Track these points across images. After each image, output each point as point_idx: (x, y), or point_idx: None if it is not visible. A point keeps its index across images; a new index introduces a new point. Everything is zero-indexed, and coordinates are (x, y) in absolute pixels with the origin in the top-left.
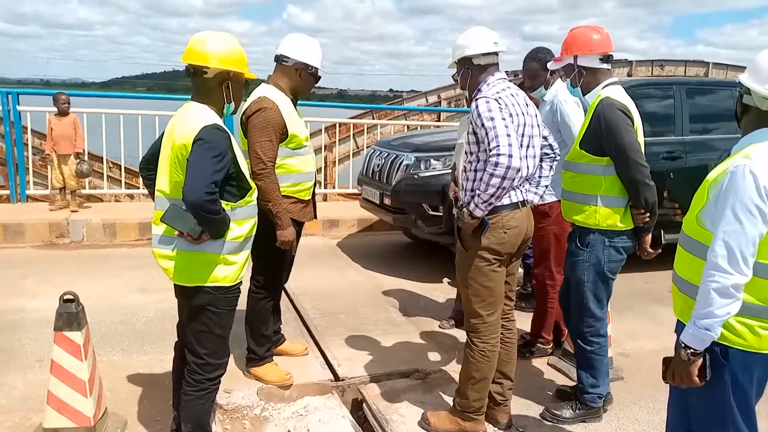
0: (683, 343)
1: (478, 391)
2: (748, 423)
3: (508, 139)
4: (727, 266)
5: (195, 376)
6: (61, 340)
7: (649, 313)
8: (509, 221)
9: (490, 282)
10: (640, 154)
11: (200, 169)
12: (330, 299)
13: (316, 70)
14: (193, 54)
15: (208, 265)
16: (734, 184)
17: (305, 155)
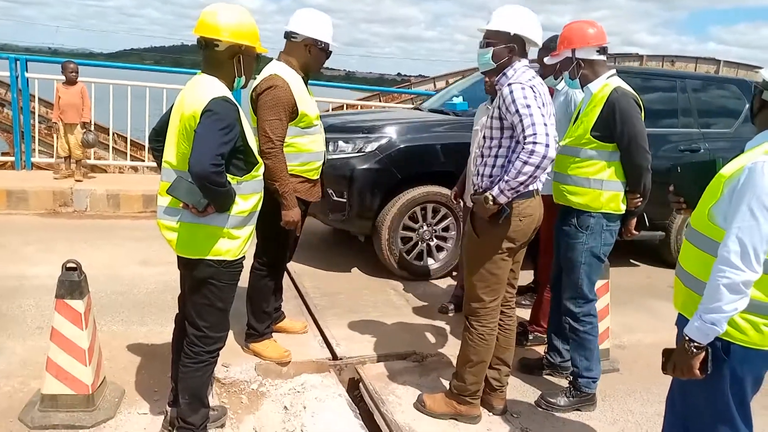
0: (687, 336)
1: (475, 375)
2: (744, 418)
3: (545, 128)
4: (739, 263)
5: (194, 348)
6: (63, 308)
7: (649, 308)
8: (525, 209)
9: (498, 270)
10: (646, 142)
11: (207, 141)
12: (331, 279)
13: (326, 46)
14: (205, 26)
15: (211, 238)
16: (752, 181)
17: (315, 134)
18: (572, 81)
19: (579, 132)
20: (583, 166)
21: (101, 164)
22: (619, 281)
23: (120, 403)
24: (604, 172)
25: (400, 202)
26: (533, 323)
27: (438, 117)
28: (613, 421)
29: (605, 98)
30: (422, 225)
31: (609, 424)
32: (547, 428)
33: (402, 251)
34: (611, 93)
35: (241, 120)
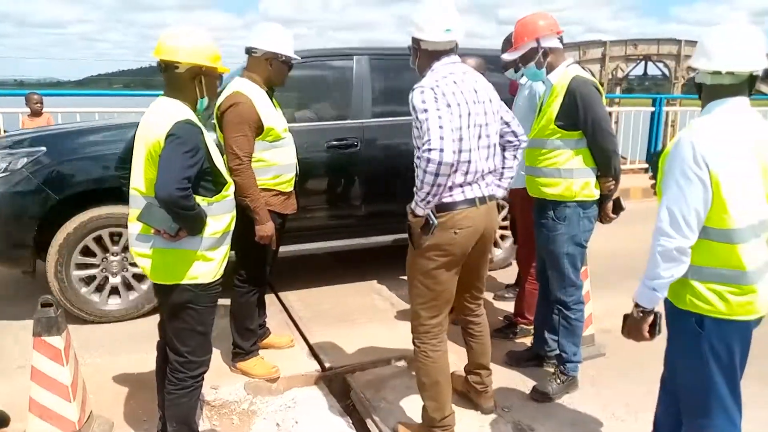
0: (635, 300)
1: (434, 399)
2: (732, 391)
3: (440, 132)
4: (670, 230)
5: (178, 374)
6: (41, 346)
7: (630, 290)
8: (461, 221)
9: (437, 285)
10: (611, 126)
11: (172, 165)
12: (314, 290)
13: (287, 59)
14: (164, 49)
15: (186, 262)
16: (676, 154)
17: (284, 147)
18: (539, 72)
19: (543, 123)
20: (551, 157)
21: None
22: (600, 266)
23: None
24: (573, 161)
25: (67, 230)
26: (518, 316)
27: (119, 121)
28: (603, 406)
29: (566, 87)
30: (106, 256)
31: (600, 409)
32: (539, 419)
33: (79, 291)
34: (571, 81)
35: (206, 142)
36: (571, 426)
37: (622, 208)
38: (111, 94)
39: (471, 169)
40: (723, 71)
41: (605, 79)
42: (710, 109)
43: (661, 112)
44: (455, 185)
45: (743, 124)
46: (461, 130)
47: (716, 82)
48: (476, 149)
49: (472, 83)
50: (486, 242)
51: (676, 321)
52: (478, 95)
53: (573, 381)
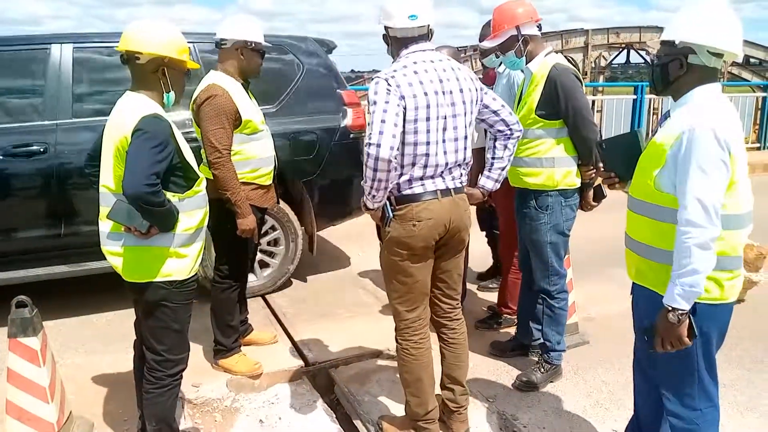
0: (671, 306)
1: (416, 395)
2: (711, 373)
3: (381, 126)
4: (703, 221)
5: (155, 373)
6: (17, 347)
7: (613, 277)
8: (421, 212)
9: (407, 278)
10: (591, 114)
11: (139, 161)
12: (297, 285)
13: (257, 45)
14: (126, 40)
15: (158, 259)
16: (696, 144)
17: (262, 139)
18: (518, 60)
19: (524, 113)
20: (532, 146)
21: None
22: (581, 254)
23: None
24: (554, 150)
25: None
26: (501, 306)
27: None
28: (587, 393)
29: (545, 76)
30: None
31: (584, 397)
32: (523, 408)
33: None
34: (551, 70)
35: (175, 136)
36: (555, 414)
37: (603, 196)
38: None
39: (430, 163)
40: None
41: (588, 67)
42: (703, 93)
43: (644, 100)
44: (414, 178)
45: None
46: (417, 123)
47: (714, 64)
48: (439, 141)
49: (440, 72)
50: (455, 239)
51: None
52: (444, 85)
53: (557, 369)
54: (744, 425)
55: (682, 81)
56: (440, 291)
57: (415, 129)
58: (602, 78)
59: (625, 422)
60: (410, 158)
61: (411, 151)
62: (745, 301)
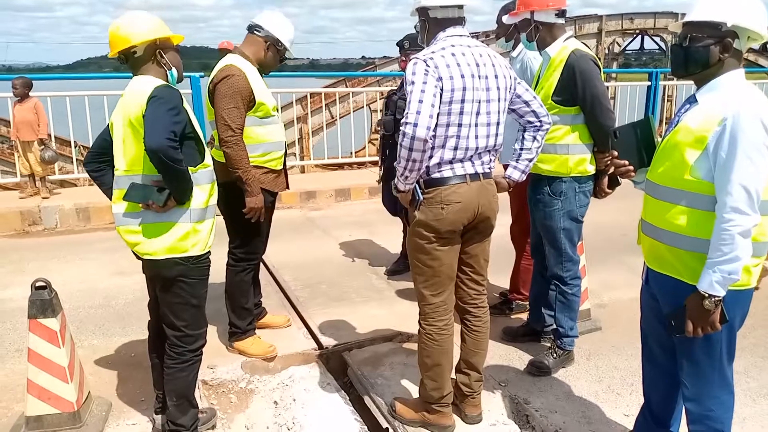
0: (707, 292)
1: (434, 379)
2: (730, 360)
3: (418, 106)
4: (748, 208)
5: (176, 349)
6: (37, 328)
7: (626, 264)
8: (449, 196)
9: (434, 261)
10: (609, 102)
11: (158, 120)
12: (311, 270)
13: (283, 49)
14: (116, 42)
15: (175, 234)
16: (743, 130)
17: (273, 125)
18: (530, 43)
19: (540, 98)
20: (548, 132)
21: (69, 178)
22: (594, 240)
23: (108, 416)
24: (569, 137)
25: None
26: (513, 292)
27: None
28: (599, 379)
29: (564, 61)
30: None
31: (595, 382)
32: (535, 393)
33: None
34: (569, 56)
35: (185, 107)
36: (566, 399)
37: (617, 183)
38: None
39: (461, 145)
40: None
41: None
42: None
43: (658, 87)
44: (444, 161)
45: None
46: (451, 105)
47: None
48: (472, 125)
49: (476, 57)
50: (484, 224)
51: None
52: (480, 70)
53: (569, 355)
54: (756, 412)
55: (718, 65)
56: (466, 276)
57: (449, 110)
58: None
59: (636, 407)
60: (441, 140)
61: (442, 132)
62: (759, 289)
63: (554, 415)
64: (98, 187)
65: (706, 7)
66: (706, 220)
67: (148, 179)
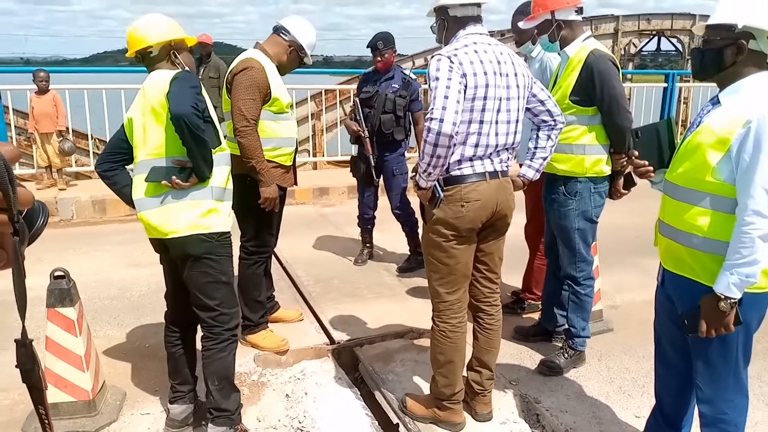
0: (723, 294)
1: (446, 376)
2: (746, 363)
3: (444, 102)
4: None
5: (213, 329)
6: (55, 317)
7: (639, 266)
8: (469, 193)
9: (450, 259)
10: (627, 103)
11: (182, 92)
12: (323, 266)
13: (303, 55)
14: (134, 41)
15: (200, 211)
16: (764, 134)
17: (287, 121)
18: (552, 44)
19: (558, 98)
20: (564, 132)
21: (85, 171)
22: (607, 241)
23: (122, 405)
24: (586, 137)
25: None
26: (526, 291)
27: None
28: (610, 380)
29: (582, 61)
30: None
31: (606, 383)
32: (546, 392)
33: None
34: (588, 56)
35: (204, 94)
36: (577, 399)
37: (633, 184)
38: (118, 71)
39: (482, 142)
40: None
41: (618, 54)
42: (757, 81)
43: (674, 88)
44: (464, 158)
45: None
46: (474, 101)
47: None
48: (493, 122)
49: (497, 55)
50: (501, 221)
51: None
52: (501, 67)
53: (581, 355)
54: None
55: (737, 67)
56: (481, 274)
57: (471, 107)
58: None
59: (647, 409)
60: (462, 137)
61: (464, 129)
62: None
63: (565, 415)
64: (111, 188)
65: (721, 10)
66: (726, 222)
67: (170, 161)
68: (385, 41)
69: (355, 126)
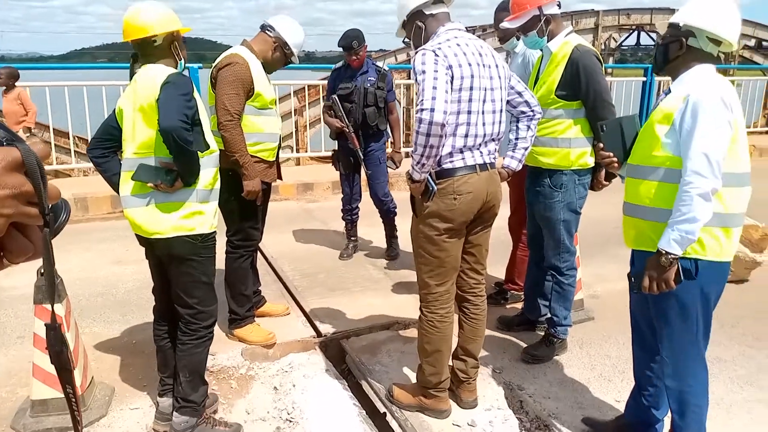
0: (664, 249)
1: (433, 365)
2: (706, 337)
3: (432, 92)
4: (708, 172)
5: (191, 326)
6: (43, 313)
7: (618, 256)
8: (461, 186)
9: (441, 252)
10: (610, 97)
11: (172, 103)
12: (309, 260)
13: (290, 53)
14: (136, 29)
15: (183, 213)
16: (703, 104)
17: (270, 116)
18: (540, 40)
19: (542, 93)
20: (549, 126)
21: (64, 169)
22: (588, 233)
23: (111, 400)
24: (571, 130)
25: None
26: (508, 282)
27: None
28: (591, 367)
29: (567, 56)
30: None
31: (588, 370)
32: (529, 379)
33: None
34: (573, 51)
35: (195, 96)
36: (559, 385)
37: (614, 176)
38: (96, 67)
39: (471, 132)
40: (732, 42)
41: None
42: (700, 70)
43: (653, 82)
44: (455, 150)
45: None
46: (461, 92)
47: (710, 50)
48: (480, 112)
49: (478, 47)
50: (489, 212)
51: None
52: (483, 59)
53: (562, 344)
54: (744, 398)
55: (680, 60)
56: (468, 265)
57: (459, 98)
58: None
59: (627, 393)
60: (452, 128)
61: (453, 120)
62: (749, 281)
63: (547, 401)
64: (101, 174)
65: (678, 12)
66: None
67: (157, 161)
68: (359, 40)
69: (337, 123)
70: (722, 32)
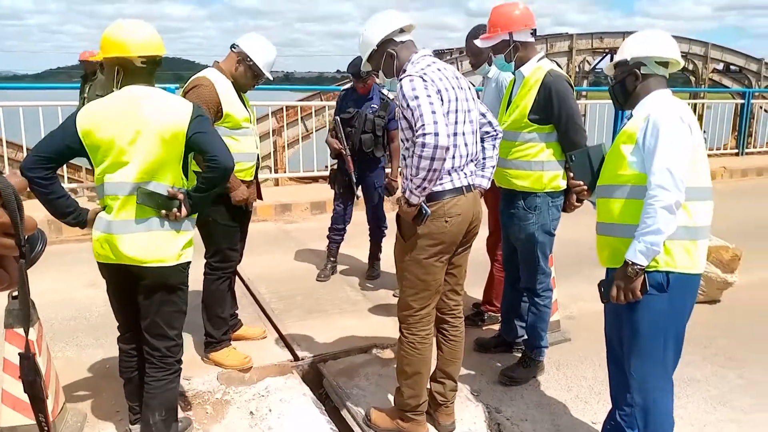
0: (631, 260)
1: (412, 388)
2: (676, 351)
3: (433, 116)
4: (671, 186)
5: (167, 360)
6: (13, 338)
7: (593, 278)
8: (451, 209)
9: (428, 275)
10: (582, 120)
11: (218, 140)
12: (286, 282)
13: (254, 67)
14: (153, 46)
15: (183, 241)
16: (663, 122)
17: (245, 135)
18: (507, 64)
19: (516, 117)
20: (523, 149)
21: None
22: (563, 254)
23: (83, 427)
24: (543, 154)
25: None
26: (486, 303)
27: None
28: (568, 388)
29: (539, 81)
30: None
31: (564, 391)
32: (506, 402)
33: None
34: (545, 76)
35: None
36: (537, 407)
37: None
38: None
39: (457, 153)
40: (678, 60)
41: (572, 72)
42: (658, 95)
43: None
44: (444, 172)
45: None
46: (448, 115)
47: (662, 73)
48: (462, 134)
49: (452, 72)
50: (472, 233)
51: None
52: (460, 82)
53: (539, 365)
54: (716, 418)
55: (639, 90)
56: (448, 287)
57: (452, 120)
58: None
59: (603, 415)
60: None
61: (451, 141)
62: (721, 302)
63: (525, 423)
64: (43, 197)
65: (619, 53)
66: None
67: (162, 188)
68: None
69: (336, 144)
70: (667, 53)
